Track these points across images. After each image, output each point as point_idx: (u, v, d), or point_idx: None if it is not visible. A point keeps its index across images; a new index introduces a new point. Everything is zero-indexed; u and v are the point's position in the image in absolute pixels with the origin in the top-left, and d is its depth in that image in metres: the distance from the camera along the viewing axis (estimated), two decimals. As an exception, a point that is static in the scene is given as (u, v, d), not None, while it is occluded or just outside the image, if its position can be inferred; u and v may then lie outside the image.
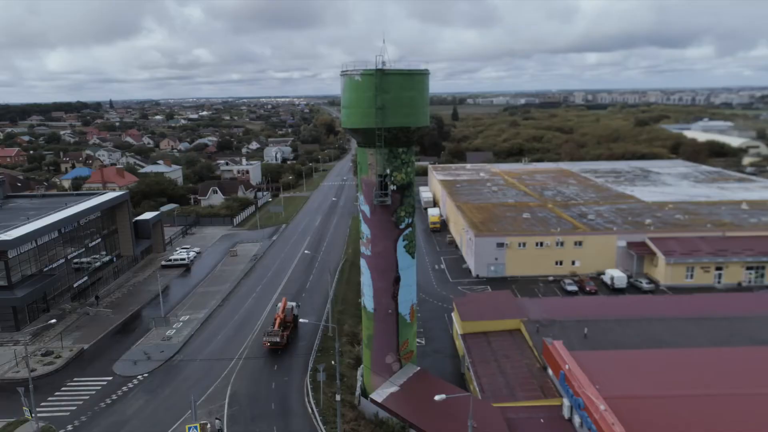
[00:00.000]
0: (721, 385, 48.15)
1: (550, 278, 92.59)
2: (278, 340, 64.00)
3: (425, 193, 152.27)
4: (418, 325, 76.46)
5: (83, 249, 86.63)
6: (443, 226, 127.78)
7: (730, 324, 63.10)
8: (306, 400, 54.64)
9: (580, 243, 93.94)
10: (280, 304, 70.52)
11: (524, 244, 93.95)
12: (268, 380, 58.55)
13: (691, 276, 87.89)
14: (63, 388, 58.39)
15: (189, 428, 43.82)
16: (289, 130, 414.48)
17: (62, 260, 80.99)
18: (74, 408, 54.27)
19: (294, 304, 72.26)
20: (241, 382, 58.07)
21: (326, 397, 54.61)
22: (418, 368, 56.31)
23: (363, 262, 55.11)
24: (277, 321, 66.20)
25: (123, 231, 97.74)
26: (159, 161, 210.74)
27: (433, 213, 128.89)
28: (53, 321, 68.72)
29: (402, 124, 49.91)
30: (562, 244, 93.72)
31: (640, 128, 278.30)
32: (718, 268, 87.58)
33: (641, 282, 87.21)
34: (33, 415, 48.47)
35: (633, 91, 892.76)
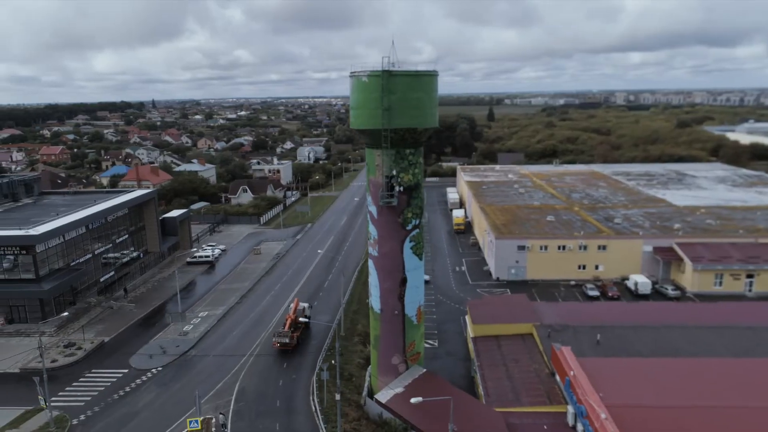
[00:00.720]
0: (735, 397, 46.42)
1: (572, 282, 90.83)
2: (287, 341, 64.27)
3: (452, 194, 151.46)
4: (432, 327, 76.53)
5: (110, 245, 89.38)
6: (468, 227, 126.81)
7: (755, 334, 60.72)
8: (311, 398, 55.05)
9: (604, 247, 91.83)
10: (292, 305, 71.01)
11: (546, 248, 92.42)
12: (276, 378, 59.26)
13: (720, 283, 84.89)
14: (81, 379, 60.41)
15: (190, 422, 44.78)
16: (325, 130, 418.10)
17: (89, 255, 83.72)
18: (89, 399, 56.09)
19: (306, 305, 72.64)
20: (250, 379, 58.94)
21: (331, 396, 54.88)
22: (424, 370, 56.08)
23: (370, 263, 55.30)
24: (288, 322, 66.60)
25: (150, 228, 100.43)
26: (193, 160, 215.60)
27: (457, 214, 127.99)
28: (65, 314, 70.87)
29: (409, 125, 49.82)
30: (585, 247, 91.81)
31: (681, 130, 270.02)
32: (750, 276, 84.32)
33: (667, 288, 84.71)
34: (47, 404, 50.31)
35: (678, 91, 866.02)
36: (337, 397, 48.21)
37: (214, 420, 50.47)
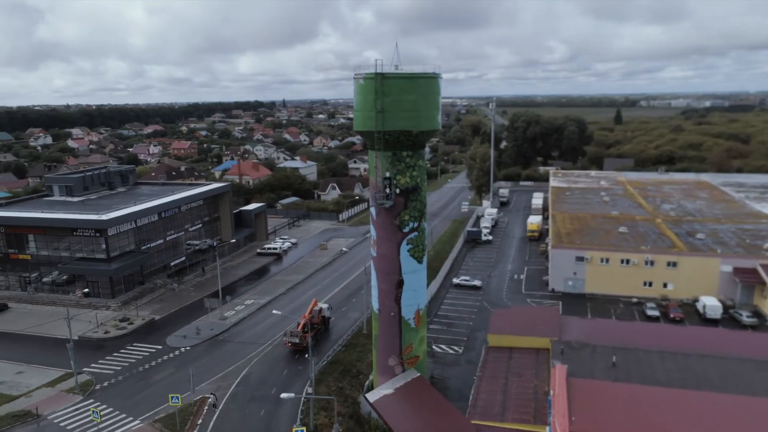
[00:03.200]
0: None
1: (634, 300, 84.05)
2: (298, 341, 65.04)
3: (536, 200, 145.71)
4: (464, 333, 75.09)
5: (182, 232, 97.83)
6: (546, 234, 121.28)
7: (814, 374, 52.57)
8: (305, 389, 56.79)
9: (675, 264, 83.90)
10: (310, 305, 71.56)
11: (607, 260, 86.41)
12: (283, 367, 61.80)
13: (810, 313, 74.21)
14: (121, 350, 67.31)
15: (172, 398, 48.47)
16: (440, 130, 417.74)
17: (161, 240, 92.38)
18: (119, 368, 62.47)
19: (325, 305, 73.42)
20: (259, 366, 62.04)
21: (327, 389, 56.23)
22: (418, 374, 55.58)
23: (371, 263, 56.03)
24: (302, 322, 67.35)
25: (224, 219, 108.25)
26: (296, 157, 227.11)
27: (532, 221, 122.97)
28: (82, 291, 78.04)
29: (402, 128, 49.83)
30: (652, 263, 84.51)
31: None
32: None
33: (741, 314, 75.61)
34: (74, 369, 57.00)
35: None
36: (310, 390, 49.54)
37: (209, 399, 54.11)
